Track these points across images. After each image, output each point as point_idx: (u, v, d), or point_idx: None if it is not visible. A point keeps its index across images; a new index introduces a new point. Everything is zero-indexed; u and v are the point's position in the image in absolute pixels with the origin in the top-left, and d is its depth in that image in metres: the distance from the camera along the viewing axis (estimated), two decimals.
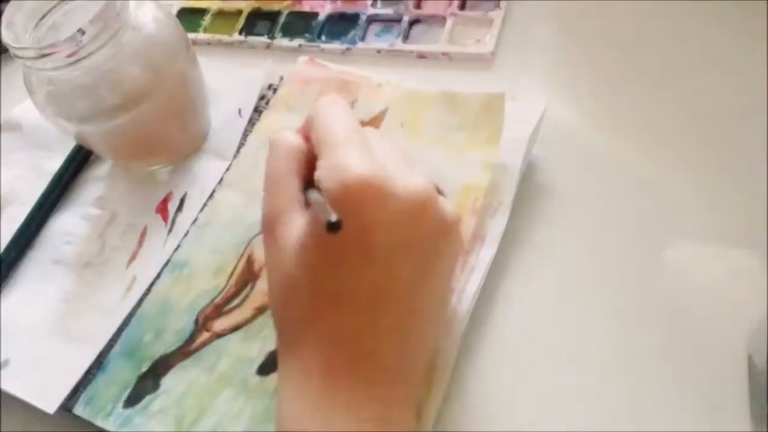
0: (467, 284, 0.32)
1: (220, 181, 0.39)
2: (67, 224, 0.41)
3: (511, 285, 0.34)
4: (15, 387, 0.35)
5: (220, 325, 0.34)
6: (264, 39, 0.47)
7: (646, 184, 0.35)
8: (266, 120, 0.41)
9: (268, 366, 0.32)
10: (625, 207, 0.35)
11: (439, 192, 0.29)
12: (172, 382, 0.33)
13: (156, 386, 0.33)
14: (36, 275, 0.39)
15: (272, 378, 0.32)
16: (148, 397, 0.33)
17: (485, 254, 0.33)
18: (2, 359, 0.36)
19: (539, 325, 0.32)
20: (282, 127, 0.40)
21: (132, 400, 0.33)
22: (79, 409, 0.33)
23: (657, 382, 0.30)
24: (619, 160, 0.36)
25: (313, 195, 0.27)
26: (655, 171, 0.35)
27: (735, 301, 0.31)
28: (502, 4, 0.44)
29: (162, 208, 0.40)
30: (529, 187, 0.36)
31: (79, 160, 0.43)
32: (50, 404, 0.33)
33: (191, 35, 0.48)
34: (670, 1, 0.41)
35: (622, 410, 0.29)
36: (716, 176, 0.35)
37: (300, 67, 0.42)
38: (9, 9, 0.36)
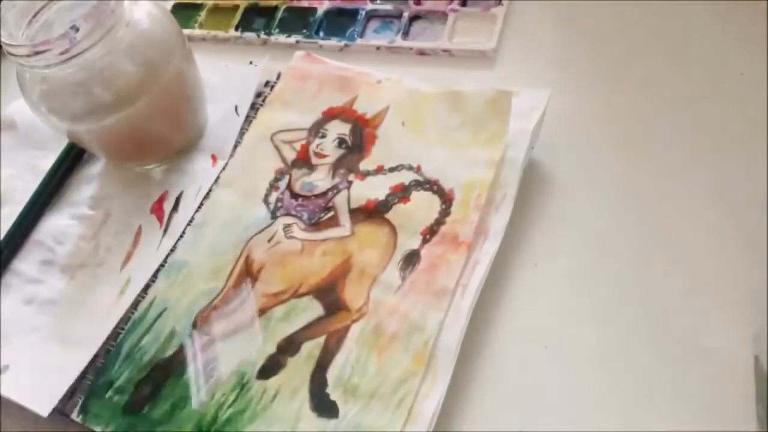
0: (471, 279, 0.32)
1: (216, 180, 0.39)
2: (60, 225, 0.40)
3: (515, 279, 0.33)
4: (11, 390, 0.34)
5: (219, 327, 0.33)
6: (261, 35, 0.47)
7: (648, 179, 0.35)
8: (263, 117, 0.40)
9: (268, 369, 0.32)
10: (627, 202, 0.35)
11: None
12: (171, 387, 0.32)
13: (156, 392, 0.32)
14: (29, 277, 0.38)
15: (273, 381, 0.31)
16: (148, 404, 0.32)
17: (488, 248, 0.33)
18: (2, 365, 0.35)
19: (543, 321, 0.32)
20: (279, 125, 0.40)
21: (132, 407, 0.32)
22: (78, 416, 0.32)
23: (661, 381, 0.30)
24: (620, 155, 0.36)
25: None
26: (657, 167, 0.35)
27: (740, 301, 0.31)
28: (504, 0, 0.43)
29: (157, 208, 0.39)
30: (531, 181, 0.36)
31: (72, 159, 0.42)
32: (44, 407, 0.33)
33: (186, 31, 0.47)
34: (671, 0, 0.41)
35: (626, 410, 0.29)
36: (717, 174, 0.35)
37: (297, 62, 0.42)
38: (2, 7, 0.35)
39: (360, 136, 0.38)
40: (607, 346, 0.31)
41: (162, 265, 0.36)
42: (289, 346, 0.32)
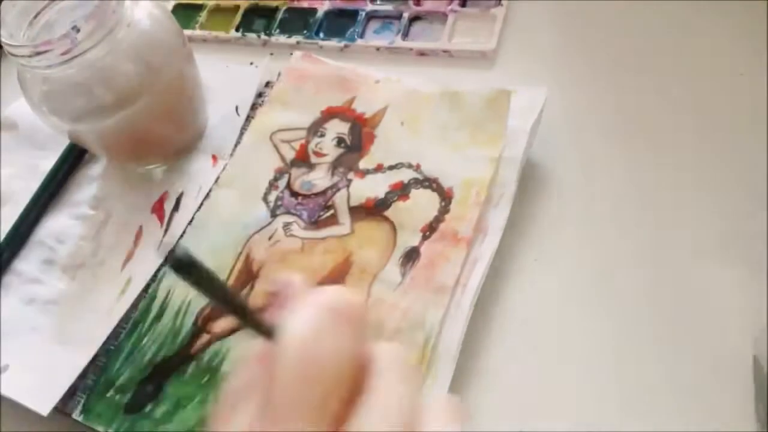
0: (471, 276, 0.32)
1: (216, 180, 0.39)
2: (61, 224, 0.40)
3: (514, 276, 0.33)
4: (11, 390, 0.34)
5: (219, 326, 0.34)
6: (261, 36, 0.47)
7: (646, 178, 0.35)
8: (262, 117, 0.40)
9: None
10: (625, 200, 0.35)
11: None
12: (173, 386, 0.32)
13: (157, 391, 0.32)
14: (29, 276, 0.39)
15: None
16: (150, 403, 0.32)
17: (488, 245, 0.33)
18: (2, 364, 0.35)
19: (542, 319, 0.32)
20: (278, 125, 0.39)
21: (133, 406, 0.32)
22: (79, 415, 0.33)
23: (661, 381, 0.30)
24: (619, 154, 0.36)
25: None
26: (655, 166, 0.35)
27: (740, 302, 0.31)
28: (504, 1, 0.43)
29: (158, 208, 0.39)
30: (530, 179, 0.36)
31: (73, 159, 0.42)
32: (44, 407, 0.33)
33: (186, 32, 0.47)
34: (671, 0, 0.41)
35: (625, 410, 0.29)
36: (716, 174, 0.35)
37: (296, 62, 0.42)
38: (3, 7, 0.35)
39: (359, 136, 0.38)
40: (607, 346, 0.31)
41: (163, 265, 0.36)
42: None
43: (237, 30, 0.48)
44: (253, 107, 0.42)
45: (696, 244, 0.33)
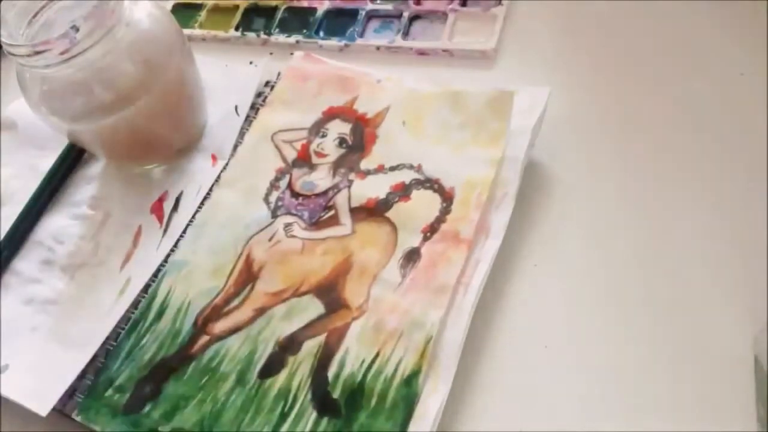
0: (473, 277, 0.32)
1: (217, 180, 0.39)
2: (60, 224, 0.40)
3: (515, 279, 0.34)
4: (10, 390, 0.34)
5: (219, 327, 0.34)
6: (261, 35, 0.47)
7: (647, 179, 0.35)
8: (263, 117, 0.40)
9: (268, 368, 0.32)
10: (626, 201, 0.35)
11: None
12: (172, 387, 0.32)
13: (156, 391, 0.32)
14: (29, 276, 0.38)
15: (273, 381, 0.31)
16: (148, 404, 0.32)
17: (490, 246, 0.33)
18: (2, 364, 0.35)
19: (543, 321, 0.32)
20: (279, 125, 0.39)
21: (132, 406, 0.32)
22: (78, 415, 0.32)
23: (661, 381, 0.30)
24: (620, 155, 0.36)
25: None
26: (656, 166, 0.36)
27: (740, 302, 0.31)
28: (504, 0, 0.43)
29: (157, 208, 0.39)
30: (532, 179, 0.36)
31: (72, 159, 0.42)
32: (43, 407, 0.33)
33: (186, 31, 0.47)
34: (671, 0, 0.41)
35: (626, 410, 0.29)
36: (717, 174, 0.35)
37: (297, 62, 0.42)
38: (2, 7, 0.35)
39: (360, 136, 0.38)
40: (607, 346, 0.31)
41: (163, 265, 0.36)
42: (290, 345, 0.32)
43: (236, 29, 0.47)
44: (253, 107, 0.41)
45: (696, 243, 0.33)
